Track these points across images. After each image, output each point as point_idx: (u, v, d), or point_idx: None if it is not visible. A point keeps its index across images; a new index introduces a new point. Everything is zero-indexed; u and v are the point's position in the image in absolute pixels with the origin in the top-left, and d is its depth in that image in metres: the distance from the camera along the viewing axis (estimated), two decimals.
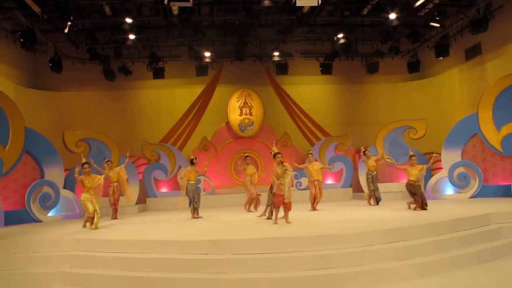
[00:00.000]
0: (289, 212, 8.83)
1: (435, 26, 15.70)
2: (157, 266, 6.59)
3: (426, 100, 18.96)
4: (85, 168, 9.61)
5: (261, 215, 10.26)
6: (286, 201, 8.64)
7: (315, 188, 11.57)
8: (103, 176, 9.92)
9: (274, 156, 8.92)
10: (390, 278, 6.14)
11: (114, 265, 6.88)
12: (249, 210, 12.24)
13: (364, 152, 12.75)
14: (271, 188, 9.57)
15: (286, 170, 8.65)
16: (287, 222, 8.67)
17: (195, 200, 11.11)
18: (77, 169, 10.17)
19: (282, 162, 8.77)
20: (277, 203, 8.76)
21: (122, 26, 14.47)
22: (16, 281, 6.94)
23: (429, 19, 15.25)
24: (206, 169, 11.57)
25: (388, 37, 16.74)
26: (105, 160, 12.32)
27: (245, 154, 13.32)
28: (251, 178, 12.36)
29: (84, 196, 9.32)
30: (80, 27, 15.10)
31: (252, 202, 12.33)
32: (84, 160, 9.92)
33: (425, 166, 10.92)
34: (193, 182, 11.16)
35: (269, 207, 9.78)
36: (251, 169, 12.52)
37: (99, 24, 15.58)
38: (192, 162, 11.31)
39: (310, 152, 12.54)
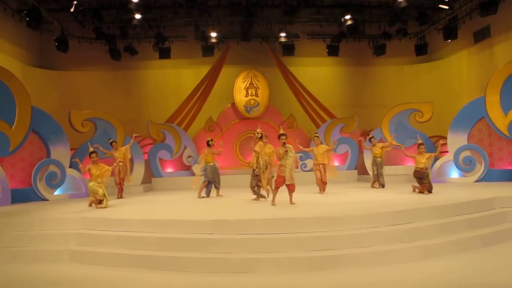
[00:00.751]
0: (294, 194, 8.86)
1: (444, 8, 15.50)
2: (162, 245, 6.65)
3: (433, 83, 18.85)
4: (93, 158, 9.62)
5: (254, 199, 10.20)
6: (287, 182, 8.66)
7: (320, 172, 11.30)
8: (109, 168, 9.83)
9: (279, 137, 8.94)
10: (394, 260, 6.17)
11: (120, 243, 6.95)
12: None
13: (370, 139, 12.72)
14: (253, 171, 9.93)
15: (287, 151, 8.65)
16: (291, 203, 8.70)
17: (215, 180, 11.35)
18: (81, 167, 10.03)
19: (284, 144, 8.77)
20: (277, 183, 8.80)
21: (128, 5, 14.41)
22: (22, 258, 7.02)
23: (437, 1, 15.06)
24: (221, 149, 11.59)
25: (396, 19, 16.54)
26: (110, 140, 12.35)
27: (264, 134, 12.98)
28: (269, 158, 12.11)
29: (92, 184, 9.35)
30: (86, 6, 15.05)
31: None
32: (91, 149, 9.91)
33: (432, 155, 10.88)
34: (212, 163, 11.33)
35: (254, 189, 10.03)
36: (269, 148, 12.16)
37: (105, 3, 15.54)
38: (208, 144, 11.38)
39: (316, 134, 12.12)
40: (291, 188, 8.79)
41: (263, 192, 10.00)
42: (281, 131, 9.29)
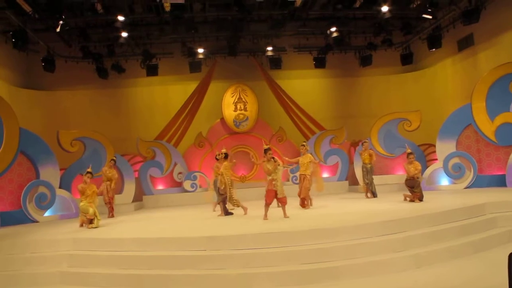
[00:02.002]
0: (286, 207, 8.86)
1: (428, 18, 15.71)
2: (155, 264, 6.61)
3: (420, 92, 19.03)
4: (88, 177, 9.72)
5: (220, 215, 10.26)
6: (279, 196, 8.69)
7: (302, 183, 10.63)
8: (101, 187, 10.02)
9: (265, 152, 8.97)
10: (387, 270, 6.19)
11: (112, 263, 6.90)
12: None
13: (363, 143, 12.82)
14: (219, 189, 10.13)
15: (278, 165, 8.69)
16: (286, 216, 8.69)
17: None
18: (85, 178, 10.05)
19: (273, 158, 8.80)
20: (268, 199, 8.80)
21: (114, 24, 14.38)
22: (14, 282, 6.94)
23: (421, 11, 15.25)
24: (234, 161, 11.06)
25: (381, 30, 16.74)
26: (111, 160, 12.44)
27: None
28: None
29: (83, 203, 9.37)
30: (72, 25, 15.00)
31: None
32: (89, 170, 10.00)
33: (420, 168, 10.67)
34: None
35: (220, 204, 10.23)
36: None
37: (91, 22, 15.53)
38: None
39: (303, 143, 11.42)
40: (283, 201, 8.80)
41: (230, 208, 10.29)
42: (265, 146, 9.30)
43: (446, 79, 18.00)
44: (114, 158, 12.72)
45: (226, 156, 10.31)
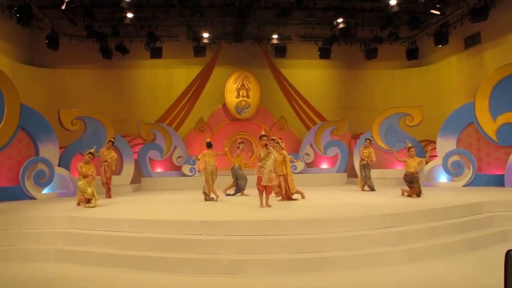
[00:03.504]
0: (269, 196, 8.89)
1: (436, 14, 15.59)
2: (150, 245, 6.63)
3: (424, 88, 18.99)
4: (89, 157, 9.81)
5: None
6: (264, 183, 8.65)
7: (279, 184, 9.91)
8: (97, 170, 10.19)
9: (260, 138, 8.97)
10: (381, 263, 6.21)
11: (107, 243, 6.92)
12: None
13: (366, 139, 12.83)
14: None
15: (269, 153, 8.68)
16: (267, 205, 8.69)
17: (241, 181, 11.54)
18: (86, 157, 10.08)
19: (266, 145, 8.78)
20: (259, 186, 8.78)
21: (120, 4, 14.30)
22: (9, 257, 6.97)
23: (429, 6, 15.14)
24: (226, 149, 11.92)
25: (388, 23, 16.65)
26: (112, 139, 12.44)
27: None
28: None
29: (81, 182, 9.41)
30: (77, 3, 14.94)
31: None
32: (92, 150, 10.06)
33: (423, 160, 10.85)
34: (237, 165, 11.54)
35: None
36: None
37: (97, 1, 15.43)
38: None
39: (272, 137, 10.66)
40: (268, 190, 8.82)
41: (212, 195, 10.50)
42: (263, 132, 9.34)
43: (450, 76, 17.94)
44: (112, 139, 12.69)
45: (208, 145, 10.62)
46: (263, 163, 8.69)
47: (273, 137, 10.36)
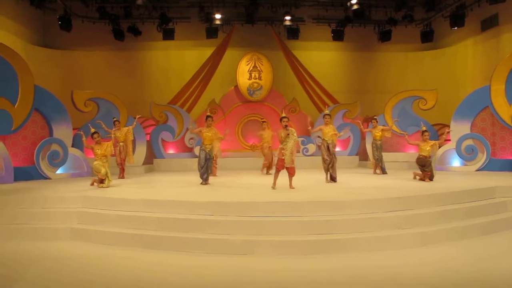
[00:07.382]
0: (294, 178, 8.86)
1: None
2: (162, 225, 6.69)
3: (438, 71, 18.76)
4: (95, 138, 9.74)
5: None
6: (287, 165, 8.63)
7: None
8: (111, 141, 9.99)
9: (280, 120, 8.93)
10: (392, 245, 6.21)
11: (120, 222, 7.00)
12: (267, 173, 12.75)
13: (372, 120, 12.76)
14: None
15: (289, 134, 8.62)
16: (291, 187, 8.70)
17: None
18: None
19: (286, 126, 8.74)
20: (278, 167, 8.79)
21: None
22: (23, 235, 7.08)
23: None
24: (227, 131, 11.48)
25: (402, 5, 16.40)
26: (114, 119, 12.37)
27: (262, 120, 14.08)
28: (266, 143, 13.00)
29: (96, 162, 9.48)
30: None
31: (270, 166, 12.87)
32: (93, 130, 9.95)
33: (437, 143, 10.67)
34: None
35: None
36: (268, 134, 13.07)
37: None
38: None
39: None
40: (291, 172, 8.78)
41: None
42: (283, 114, 9.31)
43: (466, 59, 17.68)
44: (114, 118, 12.64)
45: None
46: (284, 145, 8.65)
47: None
